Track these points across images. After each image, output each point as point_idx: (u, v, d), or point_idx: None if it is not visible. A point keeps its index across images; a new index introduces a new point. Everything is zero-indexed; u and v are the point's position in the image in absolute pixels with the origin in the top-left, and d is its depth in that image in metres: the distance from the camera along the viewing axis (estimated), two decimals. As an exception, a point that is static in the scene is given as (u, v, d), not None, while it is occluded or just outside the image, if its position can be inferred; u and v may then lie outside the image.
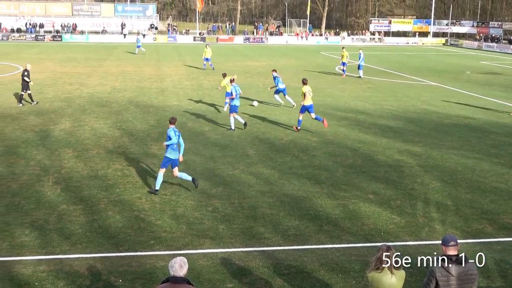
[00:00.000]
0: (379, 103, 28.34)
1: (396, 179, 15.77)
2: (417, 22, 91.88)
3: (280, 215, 12.83)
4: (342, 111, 25.95)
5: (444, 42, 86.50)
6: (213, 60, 43.92)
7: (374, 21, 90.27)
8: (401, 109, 26.99)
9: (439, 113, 26.05)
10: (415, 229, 12.20)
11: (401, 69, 45.72)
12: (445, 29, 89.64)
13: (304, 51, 65.38)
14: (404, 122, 23.95)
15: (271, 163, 17.10)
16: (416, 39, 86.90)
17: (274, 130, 21.71)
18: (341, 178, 15.68)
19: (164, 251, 10.87)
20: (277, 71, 27.23)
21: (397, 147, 19.42)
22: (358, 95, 30.82)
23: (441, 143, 20.08)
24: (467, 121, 24.42)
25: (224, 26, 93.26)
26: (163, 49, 63.91)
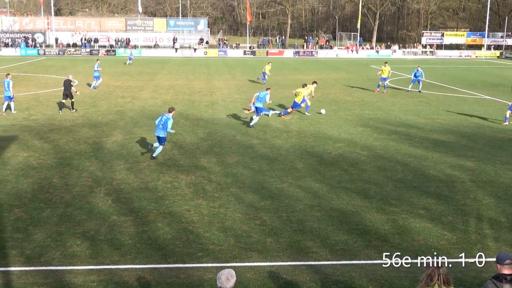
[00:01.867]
0: (431, 117, 27.88)
1: (448, 194, 15.45)
2: (471, 34, 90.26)
3: (328, 229, 12.73)
4: (392, 125, 25.65)
5: (499, 55, 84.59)
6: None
7: (426, 34, 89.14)
8: (454, 123, 26.48)
9: (493, 128, 25.45)
10: (467, 245, 11.91)
11: (454, 82, 44.90)
12: (500, 42, 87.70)
13: (354, 65, 65.01)
14: (456, 136, 23.48)
15: (319, 176, 17.01)
16: (469, 52, 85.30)
17: (323, 143, 21.61)
18: (390, 193, 15.47)
19: (211, 263, 10.92)
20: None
21: (449, 161, 19.04)
22: (409, 109, 30.42)
23: (495, 158, 19.58)
24: (523, 135, 23.78)
25: (274, 40, 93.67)
26: (214, 63, 64.62)
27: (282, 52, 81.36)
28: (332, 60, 73.67)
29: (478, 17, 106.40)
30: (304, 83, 28.95)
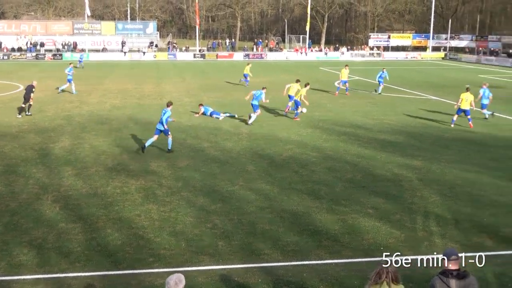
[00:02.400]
0: (379, 118, 28.37)
1: (396, 193, 15.74)
2: (416, 36, 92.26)
3: (280, 230, 12.80)
4: (342, 126, 25.98)
5: (443, 56, 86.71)
6: (213, 77, 44.09)
7: (373, 36, 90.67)
8: (401, 123, 27.02)
9: (439, 127, 26.07)
10: (415, 243, 12.16)
11: (401, 83, 45.80)
12: (444, 43, 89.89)
13: (304, 67, 65.59)
14: (403, 136, 23.96)
15: (270, 178, 17.08)
16: (415, 54, 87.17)
17: (274, 145, 21.72)
18: (340, 193, 15.66)
19: (163, 268, 10.83)
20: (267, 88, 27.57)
21: (396, 161, 19.41)
22: (358, 110, 30.88)
23: (441, 157, 20.07)
24: (467, 134, 24.43)
25: (224, 43, 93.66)
26: (163, 66, 64.15)
27: (232, 55, 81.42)
28: (282, 63, 74.13)
29: (423, 19, 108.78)
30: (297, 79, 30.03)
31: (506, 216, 13.87)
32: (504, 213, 14.10)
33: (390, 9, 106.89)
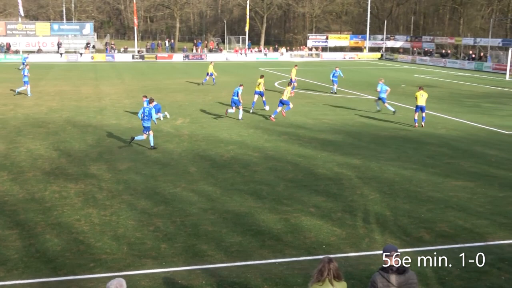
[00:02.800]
0: (318, 118, 28.74)
1: (337, 191, 15.98)
2: (353, 37, 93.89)
3: (223, 231, 12.79)
4: (282, 126, 26.18)
5: (380, 56, 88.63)
6: (153, 78, 43.65)
7: (311, 37, 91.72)
8: (340, 122, 27.45)
9: (377, 126, 26.63)
10: (356, 240, 12.38)
11: (339, 83, 46.45)
12: (380, 44, 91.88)
13: (244, 67, 65.76)
14: (343, 135, 24.35)
15: (212, 180, 17.05)
16: (353, 54, 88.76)
17: (215, 146, 21.69)
18: (282, 193, 15.78)
19: (104, 273, 10.64)
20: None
21: (336, 160, 19.71)
22: (298, 110, 31.17)
23: (379, 155, 20.50)
24: (404, 133, 25.04)
25: (163, 44, 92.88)
26: (101, 68, 63.04)
27: (172, 56, 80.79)
28: (222, 64, 74.06)
29: (359, 20, 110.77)
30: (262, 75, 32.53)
31: (442, 212, 14.30)
32: (440, 209, 14.53)
33: (328, 10, 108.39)
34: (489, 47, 71.34)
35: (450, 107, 33.08)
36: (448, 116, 29.65)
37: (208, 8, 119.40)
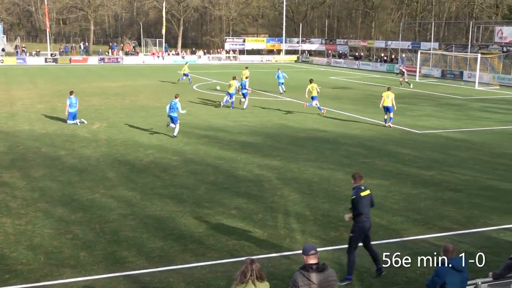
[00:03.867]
0: (238, 120, 28.88)
1: (257, 193, 16.12)
2: (270, 40, 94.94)
3: (144, 237, 12.61)
4: (201, 129, 26.13)
5: (296, 59, 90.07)
6: (68, 82, 42.46)
7: (229, 40, 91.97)
8: (259, 124, 27.70)
9: (295, 128, 27.05)
10: (277, 241, 12.53)
11: (257, 86, 46.92)
12: (296, 47, 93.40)
13: (161, 71, 65.13)
14: (262, 137, 24.59)
15: (132, 184, 16.79)
16: (270, 57, 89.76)
17: (134, 151, 21.37)
18: (203, 196, 15.75)
19: (20, 284, 10.26)
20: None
21: (256, 162, 19.88)
22: (218, 113, 31.21)
23: (298, 156, 20.84)
24: (321, 134, 25.57)
25: (78, 47, 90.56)
26: (12, 72, 60.69)
27: (86, 59, 78.89)
28: (139, 67, 73.08)
29: (275, 23, 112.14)
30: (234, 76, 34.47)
31: (359, 210, 14.68)
32: (358, 207, 14.91)
33: (244, 13, 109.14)
34: (399, 49, 74.01)
35: (364, 108, 34.06)
36: (362, 117, 30.52)
37: (123, 11, 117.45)
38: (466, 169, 19.37)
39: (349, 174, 18.21)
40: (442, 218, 14.18)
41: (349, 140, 24.24)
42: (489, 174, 18.73)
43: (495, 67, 54.42)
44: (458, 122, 29.36)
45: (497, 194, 16.36)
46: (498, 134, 26.18)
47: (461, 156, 21.42)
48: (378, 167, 19.42)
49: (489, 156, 21.42)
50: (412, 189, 16.78)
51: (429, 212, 14.70)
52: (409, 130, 26.80)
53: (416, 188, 16.88)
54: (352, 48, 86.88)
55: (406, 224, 13.76)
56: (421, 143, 23.80)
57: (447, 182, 17.65)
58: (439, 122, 29.15)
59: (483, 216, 14.36)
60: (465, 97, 41.86)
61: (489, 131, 27.08)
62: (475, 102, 39.19)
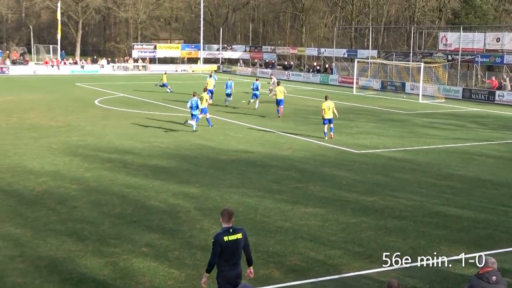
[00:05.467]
0: (149, 140, 28.62)
1: (173, 226, 15.95)
2: (186, 47, 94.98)
3: (36, 283, 12.22)
4: (105, 152, 25.72)
5: (217, 68, 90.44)
6: None
7: (137, 47, 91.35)
8: (174, 146, 27.54)
9: (216, 148, 27.06)
10: (197, 282, 12.39)
11: (171, 100, 46.75)
12: (217, 55, 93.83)
13: (57, 83, 63.96)
14: (177, 160, 24.44)
15: (20, 220, 16.28)
16: (186, 66, 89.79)
17: (23, 179, 20.76)
18: (108, 231, 15.44)
19: None
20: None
21: (171, 189, 19.72)
22: (124, 133, 30.84)
23: (220, 182, 20.82)
24: (246, 155, 25.69)
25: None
26: None
27: (-36, 69, 76.40)
28: (30, 78, 71.43)
29: (192, 27, 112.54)
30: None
31: (292, 243, 14.80)
32: (290, 240, 15.03)
33: (155, 15, 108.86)
34: (334, 58, 75.62)
35: (296, 125, 34.54)
36: (293, 135, 30.92)
37: (9, 11, 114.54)
38: (411, 193, 19.91)
39: (279, 201, 18.41)
40: (386, 250, 14.46)
41: (279, 162, 24.45)
42: (436, 198, 19.32)
43: (440, 78, 56.52)
44: (401, 140, 30.24)
45: (445, 221, 16.88)
46: (445, 153, 27.11)
47: (405, 179, 22.02)
48: (312, 193, 19.66)
49: (435, 178, 22.11)
50: (351, 218, 17.06)
51: (371, 243, 14.97)
52: (346, 150, 27.35)
53: (356, 216, 17.18)
54: (281, 56, 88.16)
55: (346, 258, 13.95)
56: (361, 165, 24.31)
57: (390, 208, 18.07)
58: (380, 140, 29.93)
59: (431, 247, 14.76)
60: (408, 112, 43.26)
61: (435, 149, 28.01)
62: (419, 117, 40.55)
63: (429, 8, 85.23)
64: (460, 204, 18.70)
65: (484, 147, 28.90)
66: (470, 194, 19.98)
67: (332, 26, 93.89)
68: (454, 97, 54.55)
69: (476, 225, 16.56)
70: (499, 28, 64.78)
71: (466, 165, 24.50)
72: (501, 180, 21.98)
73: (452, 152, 27.42)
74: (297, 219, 16.77)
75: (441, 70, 56.79)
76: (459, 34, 58.72)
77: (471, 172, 23.24)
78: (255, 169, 23.12)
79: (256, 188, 20.18)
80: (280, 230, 15.80)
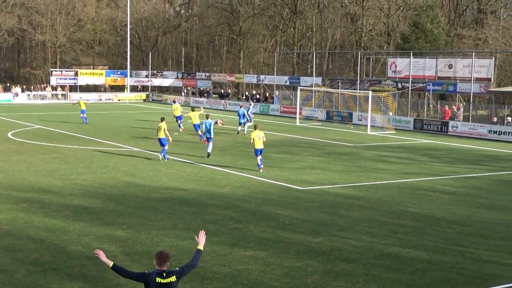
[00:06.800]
0: (69, 178, 28.28)
1: (97, 274, 15.74)
2: (111, 73, 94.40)
3: None
4: (20, 191, 25.29)
5: (145, 97, 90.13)
6: None
7: (56, 73, 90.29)
8: (98, 183, 27.26)
9: (146, 186, 26.90)
10: (125, 336, 12.24)
11: (94, 132, 46.35)
12: (145, 82, 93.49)
13: (-37, 113, 62.62)
14: (102, 199, 24.19)
15: None
16: (111, 95, 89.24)
17: None
18: (23, 281, 15.14)
19: None
20: None
21: (95, 232, 19.48)
22: (41, 169, 30.38)
23: (150, 223, 20.67)
24: (180, 193, 25.61)
25: None
26: None
27: None
28: None
29: (117, 52, 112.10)
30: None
31: (231, 290, 14.77)
32: (229, 287, 14.99)
33: (76, 38, 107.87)
34: (275, 86, 76.34)
35: (234, 160, 34.66)
36: (232, 171, 30.99)
37: None
38: (360, 233, 20.15)
39: (217, 244, 18.38)
40: (334, 296, 14.58)
41: (216, 200, 24.45)
42: (387, 238, 19.60)
43: (390, 107, 57.70)
44: (348, 175, 30.64)
45: (397, 263, 17.12)
46: (397, 189, 27.60)
47: (354, 217, 22.28)
48: (253, 234, 19.70)
49: (386, 217, 22.46)
50: (296, 261, 17.14)
51: (317, 289, 15.05)
52: (289, 186, 27.55)
53: (301, 260, 17.27)
54: (217, 83, 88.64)
55: (290, 305, 13.97)
56: (305, 202, 24.51)
57: (338, 250, 18.23)
58: (326, 176, 30.26)
59: (382, 292, 14.93)
60: (355, 144, 43.95)
61: (386, 185, 28.48)
62: (368, 150, 41.23)
63: (376, 32, 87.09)
64: (413, 244, 19.02)
65: (437, 182, 29.55)
66: (423, 233, 20.35)
67: (272, 51, 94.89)
68: (404, 128, 55.68)
69: (430, 267, 16.85)
70: (451, 54, 66.60)
71: (419, 202, 24.98)
72: (456, 218, 22.48)
73: (404, 188, 27.91)
74: (236, 264, 16.75)
75: (391, 99, 57.98)
76: (409, 60, 59.93)
77: (424, 209, 23.71)
78: (190, 208, 23.06)
79: (191, 229, 20.09)
80: (217, 276, 15.74)
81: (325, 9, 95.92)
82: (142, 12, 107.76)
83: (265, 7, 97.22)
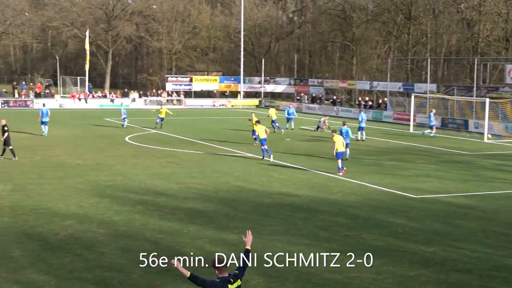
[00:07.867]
0: (184, 181, 28.80)
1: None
2: (224, 79, 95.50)
3: (60, 336, 12.32)
4: (136, 193, 25.96)
5: (258, 103, 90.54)
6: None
7: (171, 79, 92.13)
8: (212, 187, 27.65)
9: (258, 191, 27.09)
10: None
11: (209, 138, 47.05)
12: (258, 88, 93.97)
13: (84, 118, 64.95)
14: (215, 204, 24.51)
15: (44, 266, 16.50)
16: (224, 101, 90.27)
17: (47, 222, 21.07)
18: (139, 281, 15.54)
19: None
20: None
21: (208, 235, 19.76)
22: (157, 172, 31.11)
23: (262, 228, 20.78)
24: (292, 199, 25.65)
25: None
26: None
27: (-16, 102, 78.19)
28: (55, 112, 72.34)
29: (231, 58, 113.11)
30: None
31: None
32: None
33: (191, 45, 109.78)
34: (388, 92, 75.27)
35: (346, 167, 34.38)
36: (344, 178, 30.80)
37: (34, 41, 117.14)
38: (475, 243, 19.62)
39: (328, 250, 18.24)
40: (448, 307, 14.26)
41: (328, 207, 24.36)
42: (504, 249, 18.99)
43: (507, 115, 55.87)
44: (464, 184, 29.90)
45: (516, 276, 16.58)
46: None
47: (469, 227, 21.72)
48: (365, 242, 19.50)
49: (503, 227, 21.77)
50: (409, 270, 16.87)
51: (431, 299, 14.77)
52: (403, 195, 27.12)
53: (414, 269, 16.98)
54: (329, 90, 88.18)
55: (403, 315, 13.76)
56: (419, 211, 24.07)
57: (452, 260, 17.82)
58: (441, 184, 29.62)
59: (499, 304, 14.50)
60: (472, 153, 42.77)
61: (503, 195, 27.62)
62: (484, 158, 40.06)
63: (494, 38, 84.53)
64: (532, 256, 18.38)
65: (559, 193, 28.43)
66: (543, 245, 19.62)
67: (385, 57, 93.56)
68: (523, 136, 53.84)
69: (551, 281, 16.23)
70: None
71: (538, 213, 24.10)
72: None
73: (523, 198, 27.03)
74: (348, 271, 16.59)
75: (509, 107, 56.12)
76: (529, 66, 58.10)
77: (544, 221, 22.86)
78: (301, 214, 23.06)
79: (302, 235, 20.10)
80: (328, 283, 15.69)
81: (440, 14, 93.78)
82: (256, 19, 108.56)
83: (378, 13, 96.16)
